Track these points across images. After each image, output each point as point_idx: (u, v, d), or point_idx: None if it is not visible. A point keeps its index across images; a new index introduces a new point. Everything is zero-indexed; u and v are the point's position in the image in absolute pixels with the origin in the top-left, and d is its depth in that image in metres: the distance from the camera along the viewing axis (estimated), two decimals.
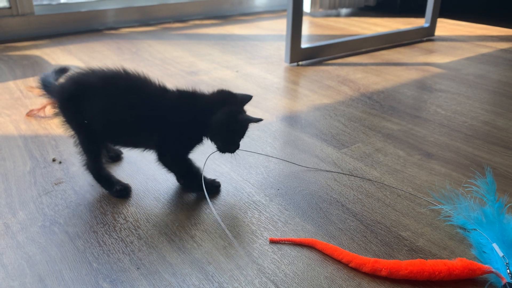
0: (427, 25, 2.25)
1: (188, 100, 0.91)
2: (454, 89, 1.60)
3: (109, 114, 0.89)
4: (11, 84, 1.55)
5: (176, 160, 0.93)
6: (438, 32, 2.43)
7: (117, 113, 0.88)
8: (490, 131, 1.26)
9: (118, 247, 0.79)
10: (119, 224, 0.85)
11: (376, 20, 2.74)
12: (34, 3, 2.17)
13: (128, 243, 0.80)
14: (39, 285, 0.70)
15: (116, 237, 0.81)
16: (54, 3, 2.29)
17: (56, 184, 0.97)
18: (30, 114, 1.30)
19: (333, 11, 3.02)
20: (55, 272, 0.73)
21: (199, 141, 0.93)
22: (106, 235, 0.82)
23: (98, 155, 0.93)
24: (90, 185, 0.97)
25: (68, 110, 0.91)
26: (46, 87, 0.96)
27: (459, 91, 1.57)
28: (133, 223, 0.85)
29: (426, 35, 2.28)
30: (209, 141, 0.93)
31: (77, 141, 0.93)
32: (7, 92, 1.48)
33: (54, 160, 1.07)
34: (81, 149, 0.93)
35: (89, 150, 0.92)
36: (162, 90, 0.91)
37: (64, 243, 0.79)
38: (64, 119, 0.93)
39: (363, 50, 2.07)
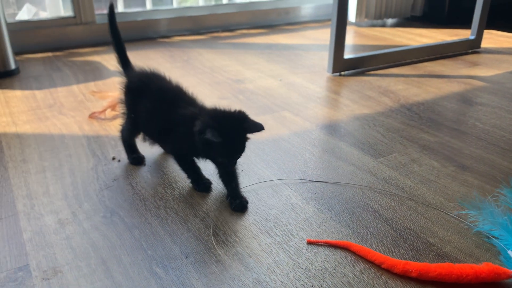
0: (472, 37, 2.25)
1: (200, 112, 0.98)
2: (496, 103, 1.61)
3: (148, 113, 1.07)
4: (74, 88, 1.71)
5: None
6: (485, 44, 2.42)
7: (154, 114, 1.06)
8: None
9: (170, 238, 0.89)
10: (170, 218, 0.95)
11: (421, 31, 2.75)
12: (96, 12, 2.35)
13: (178, 235, 0.89)
14: (102, 267, 0.81)
15: (168, 229, 0.91)
16: None
17: (115, 180, 1.09)
18: (92, 116, 1.44)
19: (379, 21, 3.05)
20: (115, 257, 0.84)
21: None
22: (159, 227, 0.92)
23: (134, 134, 1.16)
24: (145, 182, 1.08)
25: (127, 96, 1.13)
26: (128, 71, 1.15)
27: (500, 105, 1.59)
28: (183, 217, 0.95)
29: (471, 47, 2.28)
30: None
31: (124, 120, 1.17)
32: (71, 95, 1.64)
33: (113, 158, 1.19)
34: (124, 124, 1.17)
35: (130, 128, 1.15)
36: (192, 101, 1.05)
37: (123, 232, 0.90)
38: (123, 100, 1.15)
39: (406, 61, 2.11)
